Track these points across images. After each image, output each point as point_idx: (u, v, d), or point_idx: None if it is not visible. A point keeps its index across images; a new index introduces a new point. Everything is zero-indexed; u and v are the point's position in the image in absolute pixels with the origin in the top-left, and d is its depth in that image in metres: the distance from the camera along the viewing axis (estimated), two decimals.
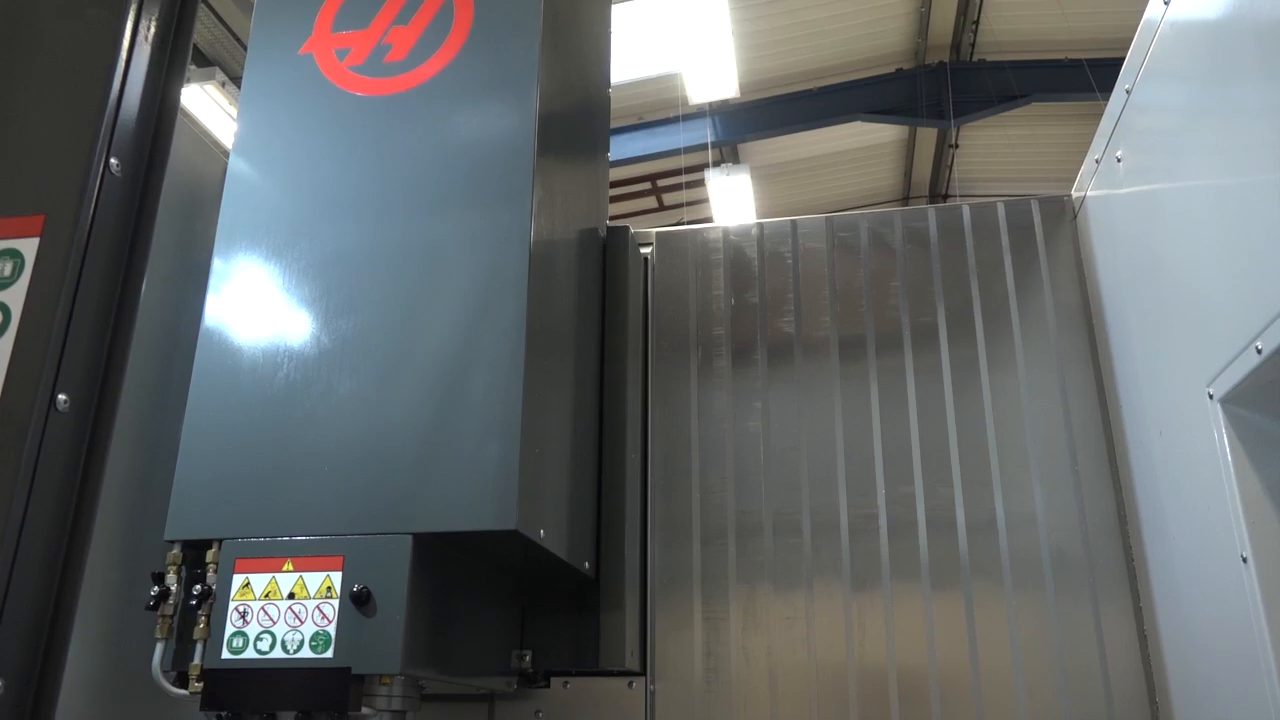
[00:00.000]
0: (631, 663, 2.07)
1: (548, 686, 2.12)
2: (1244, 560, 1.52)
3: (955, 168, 10.91)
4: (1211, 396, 1.60)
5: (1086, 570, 2.05)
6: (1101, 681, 1.97)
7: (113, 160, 1.06)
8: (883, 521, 2.16)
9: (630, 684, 2.12)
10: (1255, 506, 1.52)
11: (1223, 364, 1.54)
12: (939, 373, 2.25)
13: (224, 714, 1.62)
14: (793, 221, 2.46)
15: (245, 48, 2.10)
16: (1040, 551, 2.08)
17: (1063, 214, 2.33)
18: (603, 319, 2.26)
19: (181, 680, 1.64)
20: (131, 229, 1.00)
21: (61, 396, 0.95)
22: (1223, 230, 1.56)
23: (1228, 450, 1.56)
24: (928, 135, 10.66)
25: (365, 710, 1.66)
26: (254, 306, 1.82)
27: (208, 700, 1.59)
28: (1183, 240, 1.74)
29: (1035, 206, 2.35)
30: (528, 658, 2.04)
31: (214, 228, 1.90)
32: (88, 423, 0.94)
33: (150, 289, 1.89)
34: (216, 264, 1.87)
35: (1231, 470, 1.55)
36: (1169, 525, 1.87)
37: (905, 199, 11.89)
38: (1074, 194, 2.31)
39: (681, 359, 2.37)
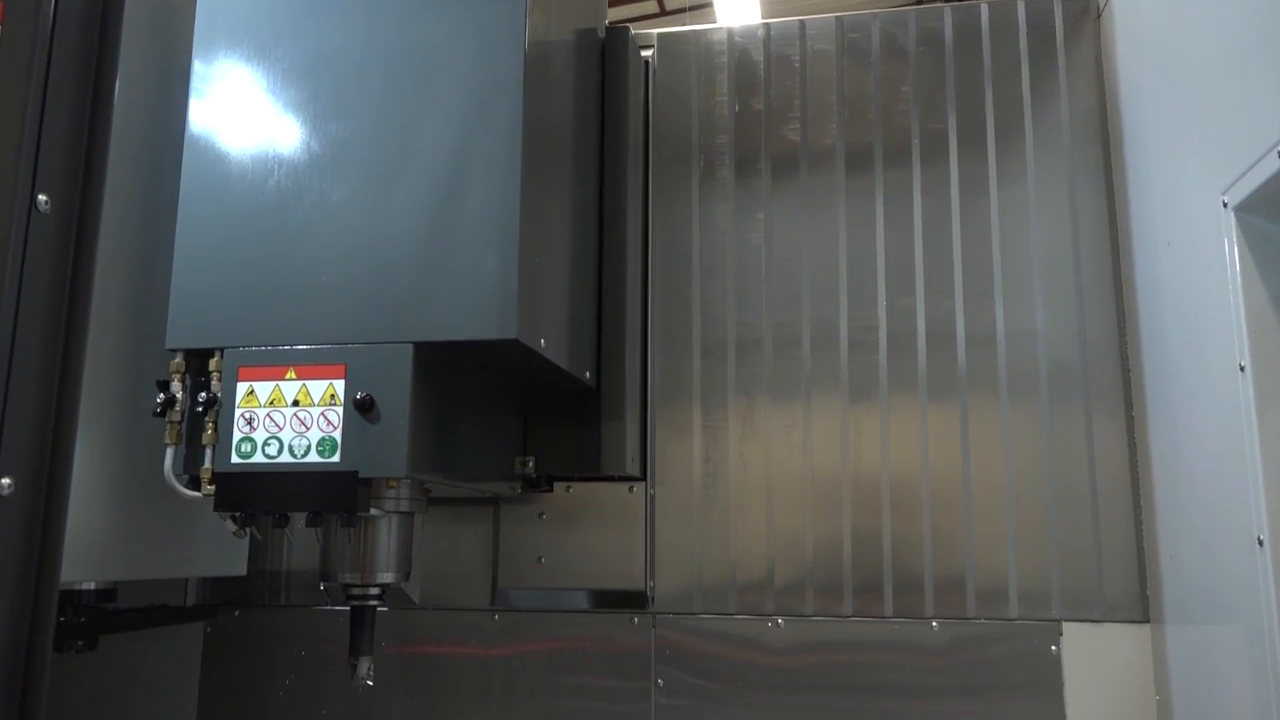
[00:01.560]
0: (632, 469, 2.13)
1: (550, 491, 2.19)
2: (1241, 369, 1.53)
3: None
4: (1225, 204, 1.56)
5: (1082, 382, 2.07)
6: (1089, 491, 2.02)
7: None
8: (882, 334, 2.16)
9: (630, 489, 2.18)
10: (1259, 315, 1.51)
11: (1241, 170, 1.49)
12: (946, 185, 2.19)
13: (237, 515, 1.68)
14: (801, 22, 2.34)
15: None
16: (1038, 365, 2.09)
17: (1086, 14, 2.21)
18: (602, 125, 2.19)
19: (194, 484, 1.68)
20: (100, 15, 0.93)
21: (42, 197, 0.92)
22: (1249, 32, 1.48)
23: (1236, 259, 1.54)
24: None
25: (374, 511, 1.72)
26: (239, 111, 1.75)
27: (221, 502, 1.63)
28: (1208, 41, 1.66)
29: (1058, 5, 2.22)
30: (530, 463, 2.09)
31: (192, 25, 1.81)
32: (72, 223, 0.92)
33: (133, 90, 1.82)
34: (197, 66, 1.79)
35: (1239, 278, 1.53)
36: (1168, 336, 1.87)
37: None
38: None
39: (683, 169, 2.31)
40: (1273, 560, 1.47)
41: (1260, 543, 1.49)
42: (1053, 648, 1.99)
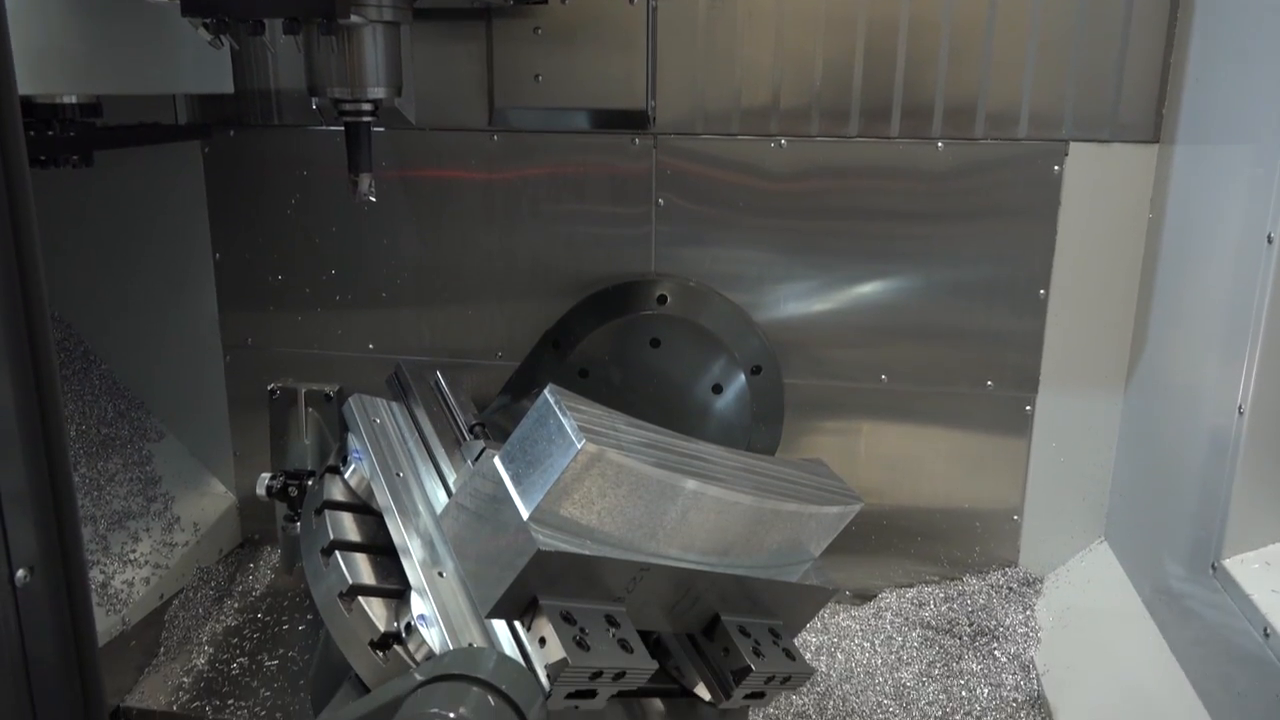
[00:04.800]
0: None
1: (545, 2, 2.04)
2: None
3: None
4: None
5: None
6: (1123, 3, 1.88)
7: None
8: None
9: (631, 0, 2.03)
10: None
11: None
12: None
13: (208, 22, 1.57)
14: None
15: None
16: None
17: None
18: None
19: None
20: None
21: None
22: None
23: None
24: None
25: (355, 18, 1.61)
26: None
27: (188, 6, 1.52)
28: None
29: None
30: None
31: None
32: None
33: None
34: None
35: None
36: None
37: None
38: None
39: None
40: None
41: None
42: (1055, 168, 1.97)
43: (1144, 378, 1.99)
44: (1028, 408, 2.11)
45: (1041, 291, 2.04)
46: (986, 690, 1.91)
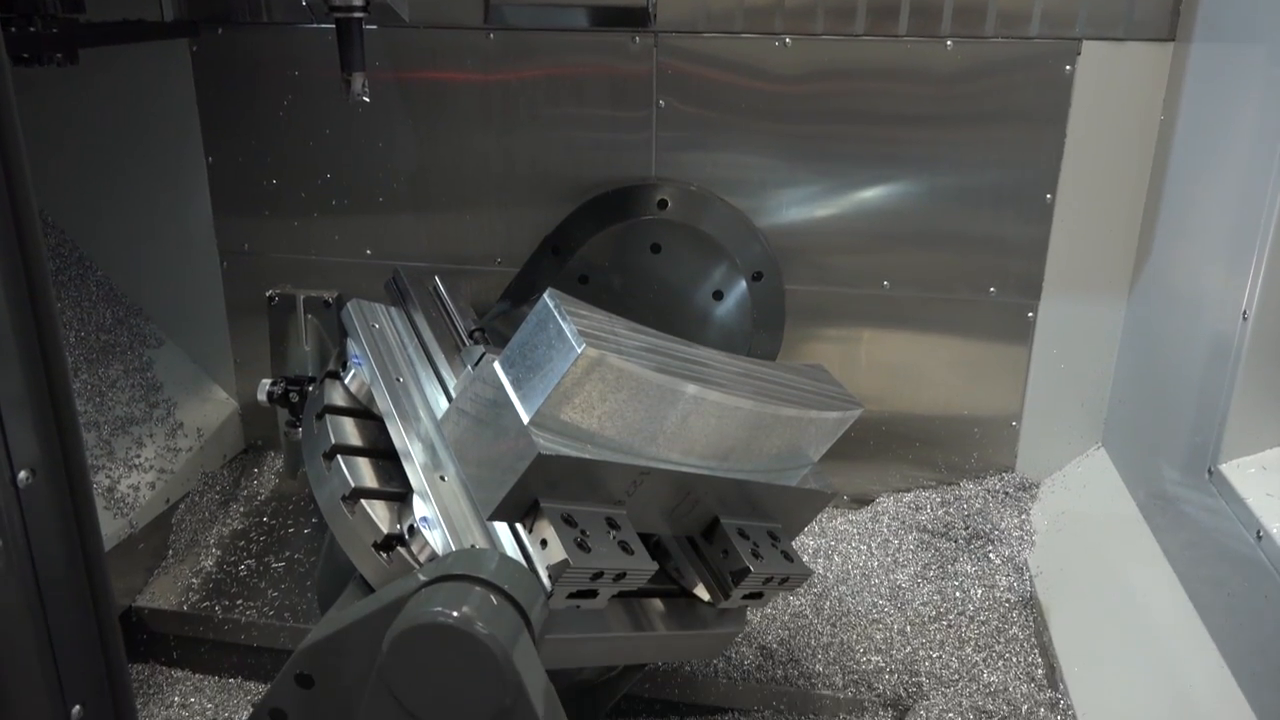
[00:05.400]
0: None
1: None
2: None
3: None
4: None
5: None
6: None
7: None
8: None
9: None
10: None
11: None
12: None
13: None
14: None
15: None
16: None
17: None
18: None
19: None
20: None
21: None
22: None
23: None
24: None
25: None
26: None
27: None
28: None
29: None
30: None
31: None
32: None
33: None
34: None
35: None
36: None
37: None
38: None
39: None
40: None
41: None
42: (1067, 68, 1.92)
43: (1148, 283, 1.97)
44: (1030, 314, 2.10)
45: (1048, 196, 2.01)
46: (980, 591, 1.95)
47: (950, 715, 1.66)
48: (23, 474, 0.79)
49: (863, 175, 2.08)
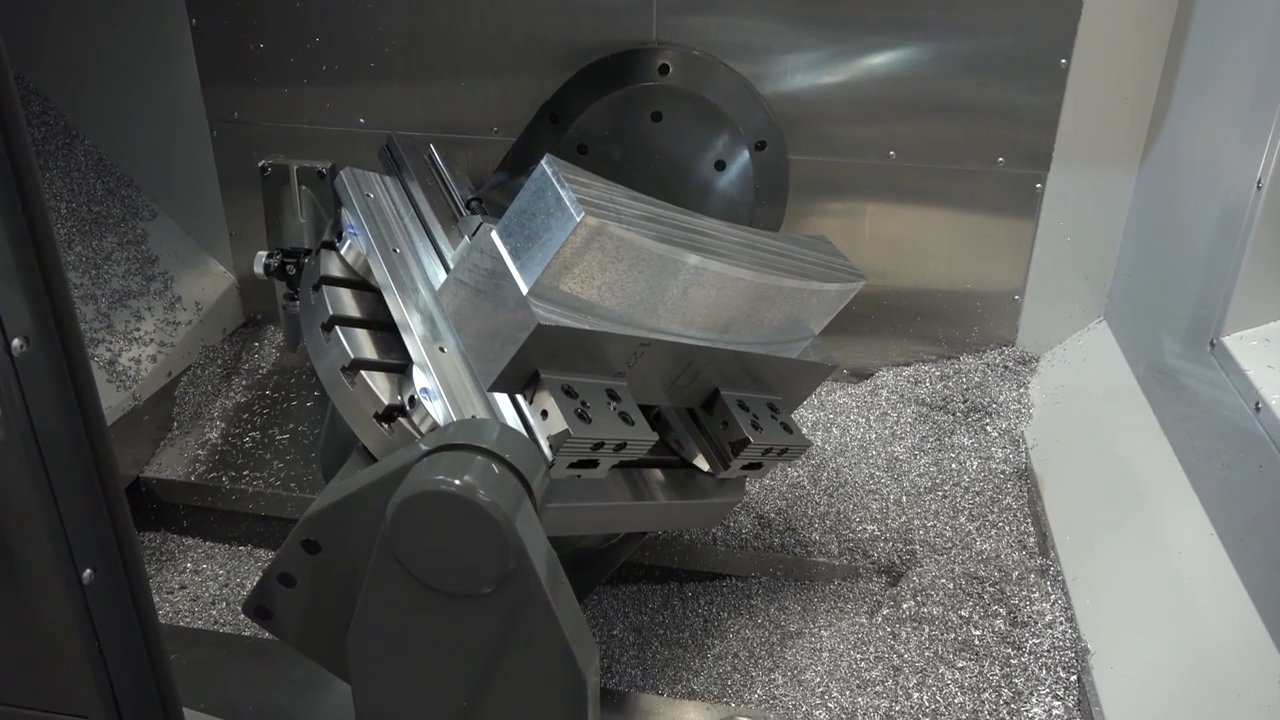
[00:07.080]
0: None
1: None
2: None
3: None
4: None
5: None
6: None
7: None
8: None
9: None
10: None
11: None
12: None
13: None
14: None
15: None
16: None
17: None
18: None
19: None
20: None
21: None
22: None
23: None
24: None
25: None
26: None
27: None
28: None
29: None
30: None
31: None
32: None
33: None
34: None
35: None
36: None
37: None
38: None
39: None
40: None
41: None
42: None
43: (1161, 154, 1.92)
44: (1038, 185, 2.06)
45: (1063, 61, 1.94)
46: (976, 463, 1.97)
47: (942, 581, 1.70)
48: (16, 341, 0.78)
49: (871, 40, 2.00)
